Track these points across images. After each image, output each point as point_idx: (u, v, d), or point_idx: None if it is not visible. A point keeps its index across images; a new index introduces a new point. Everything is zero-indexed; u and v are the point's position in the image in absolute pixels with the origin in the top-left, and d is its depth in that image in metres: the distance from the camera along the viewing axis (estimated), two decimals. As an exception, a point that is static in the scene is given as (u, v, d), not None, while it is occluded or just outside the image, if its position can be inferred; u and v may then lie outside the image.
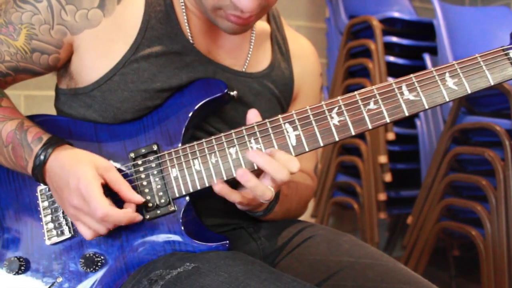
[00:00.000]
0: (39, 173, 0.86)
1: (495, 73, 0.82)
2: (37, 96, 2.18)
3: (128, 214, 0.83)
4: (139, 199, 0.86)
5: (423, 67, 2.17)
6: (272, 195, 0.84)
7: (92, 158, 0.86)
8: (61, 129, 0.94)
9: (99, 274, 0.88)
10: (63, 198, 0.85)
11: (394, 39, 2.26)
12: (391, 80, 0.85)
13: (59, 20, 0.91)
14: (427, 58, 2.16)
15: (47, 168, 0.86)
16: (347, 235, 1.01)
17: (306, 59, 1.13)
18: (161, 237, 0.88)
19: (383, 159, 2.21)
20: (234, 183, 0.87)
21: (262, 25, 1.08)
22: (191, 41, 0.96)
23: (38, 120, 0.95)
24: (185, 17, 0.96)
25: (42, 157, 0.85)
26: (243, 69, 1.02)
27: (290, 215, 1.08)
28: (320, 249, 0.97)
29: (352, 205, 2.39)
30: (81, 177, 0.81)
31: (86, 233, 0.85)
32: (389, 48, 2.30)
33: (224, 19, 0.89)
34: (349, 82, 2.38)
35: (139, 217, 0.85)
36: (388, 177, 2.21)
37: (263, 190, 0.83)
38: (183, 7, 0.96)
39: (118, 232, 0.89)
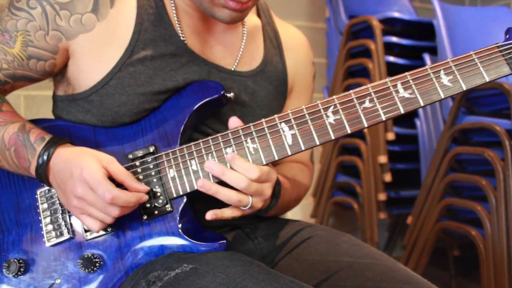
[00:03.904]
0: (43, 172, 0.87)
1: (490, 70, 0.82)
2: (37, 96, 2.18)
3: (135, 194, 0.84)
4: (144, 187, 0.86)
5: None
6: (245, 202, 0.86)
7: (93, 152, 0.87)
8: (60, 132, 0.95)
9: (98, 275, 0.88)
10: (67, 191, 0.85)
11: (394, 39, 2.26)
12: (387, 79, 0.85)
13: (53, 25, 0.91)
14: (427, 58, 2.16)
15: (51, 166, 0.87)
16: (346, 235, 1.01)
17: (298, 49, 1.13)
18: (159, 238, 0.88)
19: (383, 159, 2.20)
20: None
21: (253, 20, 1.08)
22: (184, 41, 0.96)
23: (37, 124, 0.95)
24: (176, 18, 0.96)
25: (45, 156, 0.86)
26: (237, 67, 1.02)
27: (290, 207, 1.09)
28: (319, 249, 0.97)
29: (352, 205, 2.39)
30: (84, 167, 0.82)
31: (93, 225, 0.85)
32: (389, 48, 2.30)
33: (221, 8, 0.89)
34: (349, 82, 2.38)
35: (145, 197, 0.86)
36: (388, 177, 2.21)
37: (229, 195, 0.85)
38: (173, 7, 0.97)
39: (116, 233, 0.89)
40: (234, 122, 0.89)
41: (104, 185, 0.81)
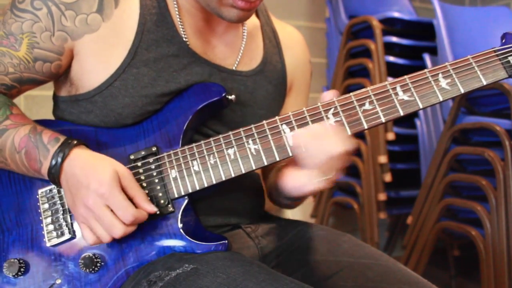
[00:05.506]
0: (55, 172, 0.86)
1: (487, 74, 0.83)
2: (37, 96, 2.18)
3: (144, 213, 0.85)
4: (152, 209, 0.86)
5: (423, 67, 2.16)
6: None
7: (112, 163, 0.86)
8: (62, 132, 0.94)
9: (98, 275, 0.88)
10: (77, 196, 0.84)
11: (394, 39, 2.26)
12: (389, 80, 0.86)
13: (59, 26, 0.91)
14: (427, 58, 2.16)
15: (64, 168, 0.86)
16: (346, 235, 1.01)
17: (296, 47, 1.14)
18: (160, 238, 0.88)
19: (383, 159, 2.21)
20: (232, 182, 0.88)
21: (252, 20, 1.08)
22: (186, 42, 0.96)
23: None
24: (178, 18, 0.96)
25: (59, 157, 0.85)
26: (237, 67, 1.03)
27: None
28: (320, 250, 0.97)
29: (352, 205, 2.39)
30: (104, 182, 0.82)
31: (90, 238, 0.85)
32: (389, 48, 2.30)
33: (230, 8, 0.89)
34: (349, 82, 2.38)
35: (151, 209, 0.87)
36: (388, 177, 2.21)
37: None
38: (176, 7, 0.96)
39: (117, 233, 0.89)
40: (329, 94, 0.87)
41: (126, 207, 0.82)
